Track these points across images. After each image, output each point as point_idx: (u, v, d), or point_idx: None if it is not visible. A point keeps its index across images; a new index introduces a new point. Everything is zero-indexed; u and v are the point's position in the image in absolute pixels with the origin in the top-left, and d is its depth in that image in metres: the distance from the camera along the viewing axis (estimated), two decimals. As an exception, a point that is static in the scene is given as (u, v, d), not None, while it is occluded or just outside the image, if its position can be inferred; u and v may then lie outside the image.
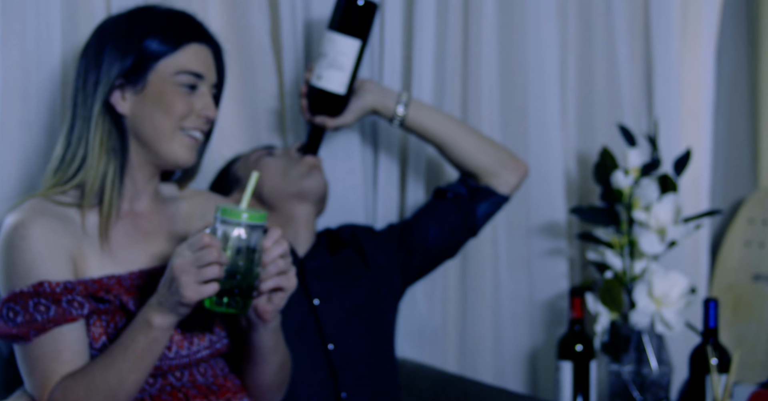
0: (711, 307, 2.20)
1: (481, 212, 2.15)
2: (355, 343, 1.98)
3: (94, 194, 1.64)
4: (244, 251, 1.52)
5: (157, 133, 1.67)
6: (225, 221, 1.52)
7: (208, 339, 1.67)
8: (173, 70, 1.66)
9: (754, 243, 2.63)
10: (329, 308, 1.99)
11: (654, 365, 2.25)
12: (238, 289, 1.52)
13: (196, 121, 1.69)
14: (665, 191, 2.26)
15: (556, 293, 2.45)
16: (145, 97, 1.66)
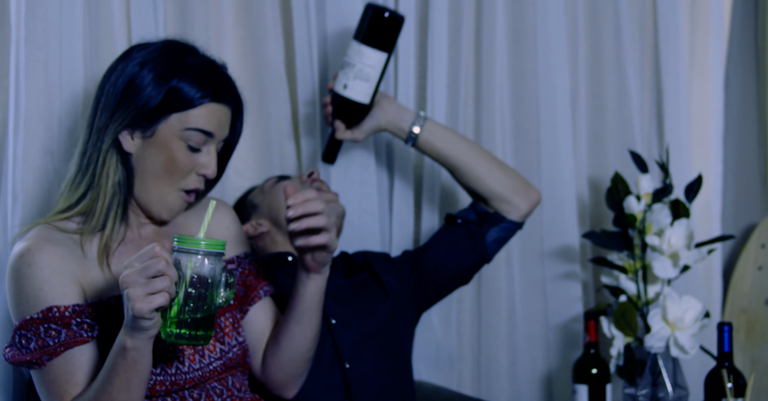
0: (725, 331, 2.19)
1: (492, 238, 2.12)
2: (371, 364, 1.98)
3: (98, 221, 1.64)
4: (199, 279, 1.47)
5: (154, 182, 1.66)
6: (181, 249, 1.47)
7: (219, 349, 1.67)
8: (184, 126, 1.64)
9: (766, 267, 2.62)
10: (346, 328, 1.98)
11: (669, 388, 2.24)
12: (192, 319, 1.47)
13: (194, 181, 1.67)
14: (677, 217, 2.26)
15: (570, 317, 2.44)
16: (151, 144, 1.65)
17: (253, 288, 1.78)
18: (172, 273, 1.43)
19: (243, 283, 1.78)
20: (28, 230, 1.65)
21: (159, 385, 1.61)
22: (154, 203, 1.66)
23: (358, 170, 2.26)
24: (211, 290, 1.48)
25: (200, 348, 1.64)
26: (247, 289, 1.78)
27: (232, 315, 1.73)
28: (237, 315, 1.74)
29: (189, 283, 1.46)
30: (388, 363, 2.01)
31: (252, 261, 1.81)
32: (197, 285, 1.46)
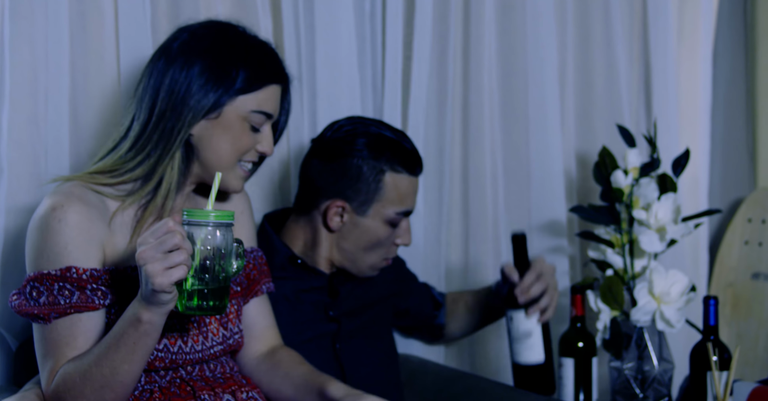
0: (711, 305, 2.18)
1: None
2: (360, 346, 1.97)
3: (148, 193, 1.63)
4: (212, 250, 1.47)
5: (219, 160, 1.66)
6: (191, 222, 1.47)
7: (221, 334, 1.65)
8: (250, 109, 1.66)
9: (753, 242, 2.60)
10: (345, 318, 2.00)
11: (655, 362, 2.22)
12: (209, 290, 1.47)
13: (253, 155, 1.70)
14: (665, 191, 2.24)
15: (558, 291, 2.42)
16: (216, 125, 1.65)
17: (256, 283, 1.77)
18: (188, 246, 1.44)
19: (247, 276, 1.75)
20: (62, 184, 1.63)
21: (158, 361, 1.60)
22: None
23: None
24: (225, 260, 1.49)
25: (205, 330, 1.63)
26: (250, 283, 1.76)
27: (237, 302, 1.72)
28: (241, 302, 1.73)
29: (202, 255, 1.47)
30: (376, 346, 2.01)
31: (257, 257, 1.79)
32: (211, 256, 1.47)
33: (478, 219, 2.39)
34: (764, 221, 2.59)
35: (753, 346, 2.53)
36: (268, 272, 1.81)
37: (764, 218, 2.59)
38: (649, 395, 2.22)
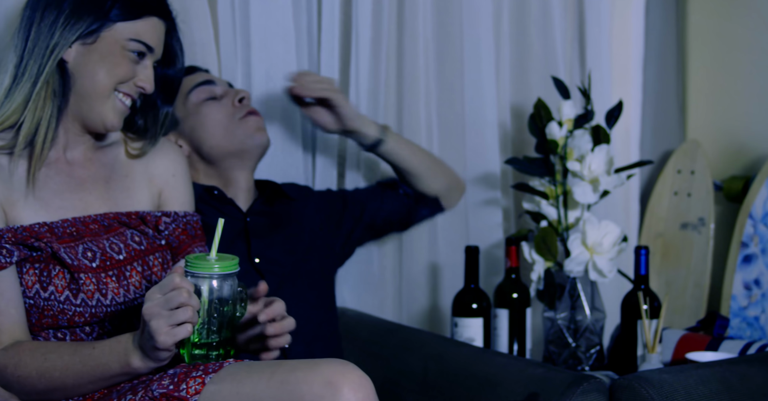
0: (642, 255, 2.19)
1: (421, 217, 2.22)
2: (294, 297, 1.91)
3: (28, 136, 1.56)
4: (218, 303, 1.44)
5: (94, 88, 1.60)
6: (194, 274, 1.43)
7: (144, 287, 1.60)
8: (127, 36, 1.60)
9: (682, 193, 2.61)
10: (269, 266, 1.91)
11: (587, 311, 2.23)
12: (216, 343, 1.45)
13: (132, 88, 1.63)
14: (598, 143, 2.22)
15: (492, 243, 2.41)
16: (93, 51, 1.59)
17: (187, 245, 1.70)
18: (195, 303, 1.40)
19: (177, 238, 1.69)
20: None
21: (78, 317, 1.55)
22: (94, 111, 1.61)
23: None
24: (231, 308, 1.45)
25: (125, 283, 1.58)
26: (181, 243, 1.69)
27: (162, 255, 1.66)
28: (167, 256, 1.66)
29: (208, 307, 1.43)
30: (312, 296, 1.95)
31: (190, 221, 1.72)
32: (216, 308, 1.44)
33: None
34: (693, 173, 2.59)
35: (681, 295, 2.55)
36: (202, 236, 1.75)
37: (693, 169, 2.59)
38: (581, 344, 2.23)
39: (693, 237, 2.58)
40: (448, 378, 1.91)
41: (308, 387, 1.31)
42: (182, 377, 1.39)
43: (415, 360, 1.98)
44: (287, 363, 1.37)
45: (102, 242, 1.59)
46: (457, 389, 1.88)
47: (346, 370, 1.32)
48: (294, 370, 1.33)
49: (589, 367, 2.23)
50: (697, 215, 2.58)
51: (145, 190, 1.69)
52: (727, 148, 2.62)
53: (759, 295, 2.44)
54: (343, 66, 2.26)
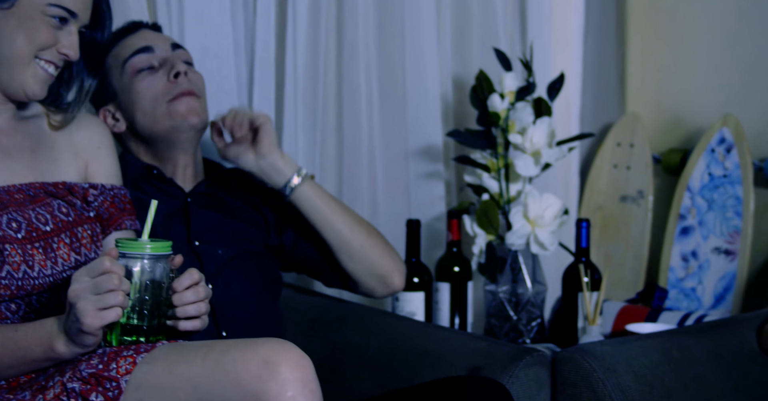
0: (583, 227, 2.18)
1: (331, 283, 1.99)
2: (235, 280, 1.83)
3: None
4: (150, 285, 1.37)
5: (13, 55, 1.51)
6: (126, 255, 1.37)
7: (73, 259, 1.53)
8: (46, 1, 1.51)
9: (621, 166, 2.59)
10: (210, 248, 1.83)
11: (529, 284, 2.21)
12: (148, 327, 1.38)
13: (54, 55, 1.54)
14: (540, 115, 2.19)
15: (433, 216, 2.37)
16: (10, 16, 1.50)
17: (117, 217, 1.62)
18: (126, 287, 1.33)
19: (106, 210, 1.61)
20: None
21: (3, 289, 1.47)
22: (14, 79, 1.52)
23: None
24: (163, 292, 1.39)
25: (53, 255, 1.51)
26: (110, 216, 1.61)
27: (91, 227, 1.58)
28: (96, 228, 1.59)
29: (139, 290, 1.37)
30: (253, 283, 1.87)
31: (118, 194, 1.64)
32: (148, 291, 1.37)
33: (352, 142, 2.30)
34: (632, 146, 2.58)
35: (620, 267, 2.55)
36: (132, 210, 1.67)
37: (632, 142, 2.58)
38: (522, 317, 2.21)
39: (632, 210, 2.56)
40: (390, 353, 1.87)
41: (245, 367, 1.25)
42: (112, 356, 1.33)
43: (355, 336, 1.93)
44: (223, 342, 1.31)
45: (28, 212, 1.51)
46: (399, 363, 1.84)
47: (284, 349, 1.26)
48: (230, 350, 1.28)
49: (530, 340, 2.21)
50: (636, 187, 2.56)
51: (71, 162, 1.61)
52: (665, 121, 2.61)
53: (696, 267, 2.44)
54: (279, 36, 2.19)
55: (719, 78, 2.51)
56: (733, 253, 2.38)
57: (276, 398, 1.23)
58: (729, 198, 2.40)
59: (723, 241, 2.40)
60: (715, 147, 2.43)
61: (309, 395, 1.24)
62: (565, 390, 1.70)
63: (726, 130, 2.41)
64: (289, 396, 1.23)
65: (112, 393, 1.30)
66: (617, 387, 1.67)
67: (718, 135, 2.42)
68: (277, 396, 1.23)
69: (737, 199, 2.38)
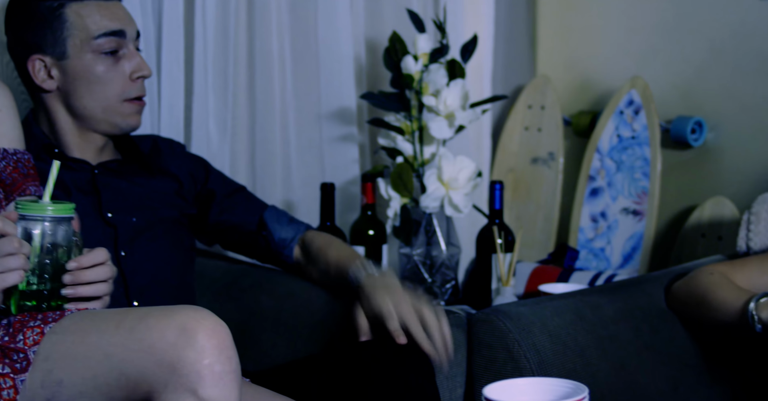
0: (497, 189, 2.18)
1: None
2: (149, 248, 1.77)
3: None
4: (51, 248, 1.31)
5: None
6: (26, 217, 1.30)
7: None
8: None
9: (533, 128, 2.59)
10: (122, 218, 1.75)
11: (443, 247, 2.20)
12: (49, 291, 1.32)
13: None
14: (453, 77, 2.17)
15: (347, 180, 2.33)
16: None
17: (20, 183, 1.53)
18: (26, 250, 1.27)
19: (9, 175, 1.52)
20: None
21: None
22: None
23: None
24: (65, 255, 1.32)
25: None
26: (14, 181, 1.52)
27: None
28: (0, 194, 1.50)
29: (41, 253, 1.30)
30: (166, 246, 1.80)
31: (21, 159, 1.55)
32: (51, 254, 1.31)
33: (264, 105, 2.24)
34: (543, 108, 2.58)
35: (532, 228, 2.55)
36: (35, 176, 1.59)
37: (543, 104, 2.58)
38: (436, 279, 2.21)
39: (543, 172, 2.57)
40: (302, 317, 1.84)
41: (160, 335, 1.20)
42: (18, 326, 1.26)
43: (271, 301, 1.89)
44: (137, 310, 1.25)
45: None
46: (312, 327, 1.81)
47: (200, 316, 1.22)
48: (144, 318, 1.22)
49: (444, 302, 2.20)
50: (547, 149, 2.57)
51: None
52: (575, 83, 2.61)
53: (605, 227, 2.46)
54: None
55: (628, 41, 2.53)
56: (641, 213, 2.41)
57: (193, 366, 1.19)
58: (637, 159, 2.42)
59: (631, 202, 2.43)
60: (623, 109, 2.44)
61: (226, 362, 1.20)
62: (480, 351, 1.70)
63: (634, 92, 2.42)
64: (206, 364, 1.19)
65: (19, 364, 1.24)
66: (532, 347, 1.67)
67: (627, 97, 2.44)
68: (193, 363, 1.19)
69: (645, 160, 2.41)
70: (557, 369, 1.67)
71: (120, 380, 1.21)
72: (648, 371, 1.76)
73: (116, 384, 1.21)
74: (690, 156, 2.41)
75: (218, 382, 1.18)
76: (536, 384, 1.18)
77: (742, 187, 2.30)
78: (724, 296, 1.66)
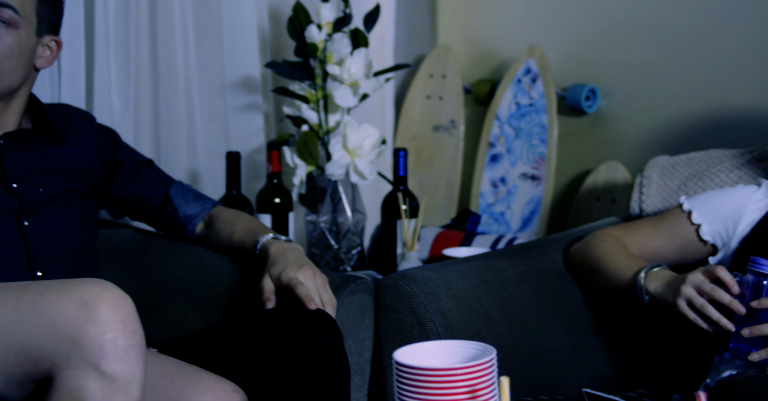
0: (401, 156, 2.15)
1: None
2: (53, 222, 1.67)
3: None
4: None
5: None
6: None
7: None
8: None
9: (434, 96, 2.56)
10: (30, 189, 1.65)
11: (349, 213, 2.17)
12: None
13: None
14: (357, 46, 2.12)
15: (253, 148, 2.27)
16: None
17: None
18: None
19: None
20: None
21: None
22: None
23: None
24: None
25: None
26: None
27: None
28: None
29: None
30: (69, 216, 1.70)
31: None
32: None
33: (168, 75, 2.16)
34: (444, 77, 2.55)
35: (434, 194, 2.54)
36: None
37: (444, 73, 2.55)
38: (342, 245, 2.17)
39: (444, 139, 2.55)
40: (213, 287, 1.78)
41: (61, 309, 1.13)
42: None
43: (178, 271, 1.83)
44: (37, 284, 1.18)
45: None
46: (223, 296, 1.75)
47: (102, 289, 1.15)
48: (45, 292, 1.15)
49: (351, 268, 2.17)
50: (448, 117, 2.55)
51: None
52: (475, 52, 2.59)
53: (504, 192, 2.46)
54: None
55: (525, 10, 2.51)
56: (539, 178, 2.41)
57: (95, 340, 1.13)
58: (534, 126, 2.42)
59: (529, 167, 2.42)
60: (521, 77, 2.43)
61: (130, 336, 1.14)
62: (388, 316, 1.67)
63: (531, 61, 2.41)
64: (109, 338, 1.13)
65: None
66: (438, 310, 1.65)
67: (524, 66, 2.42)
68: (96, 338, 1.13)
69: (542, 127, 2.40)
70: (462, 331, 1.66)
71: (19, 356, 1.14)
72: (549, 331, 1.76)
73: (14, 360, 1.14)
74: (585, 122, 2.42)
75: (122, 357, 1.13)
76: (445, 346, 1.16)
77: (634, 152, 2.32)
78: (616, 265, 1.67)
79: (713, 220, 1.70)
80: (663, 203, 1.94)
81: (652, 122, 2.31)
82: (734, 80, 2.18)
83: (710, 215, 1.70)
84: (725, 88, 2.19)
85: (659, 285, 1.57)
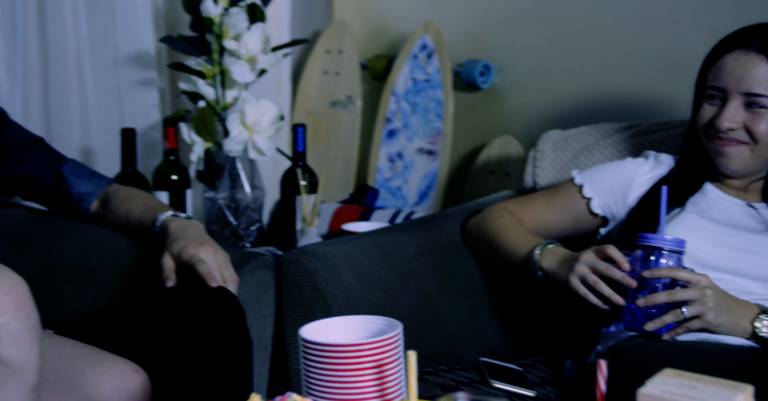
0: (300, 132, 2.11)
1: None
2: None
3: None
4: None
5: None
6: None
7: None
8: None
9: (331, 72, 2.52)
10: None
11: (247, 190, 2.11)
12: None
13: None
14: (254, 21, 2.06)
15: (148, 125, 2.19)
16: None
17: None
18: None
19: None
20: None
21: None
22: None
23: None
24: None
25: None
26: None
27: None
28: None
29: None
30: None
31: None
32: None
33: (57, 50, 2.05)
34: (341, 52, 2.51)
35: (332, 170, 2.50)
36: None
37: (341, 49, 2.51)
38: (242, 222, 2.12)
39: (342, 115, 2.51)
40: (110, 266, 1.70)
41: (-51, 295, 1.06)
42: None
43: (72, 250, 1.74)
44: None
45: None
46: (120, 275, 1.68)
47: (-6, 273, 1.08)
48: (-70, 276, 1.08)
49: (250, 244, 2.12)
50: (345, 93, 2.51)
51: None
52: (371, 28, 2.56)
53: (401, 167, 2.44)
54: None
55: (420, -13, 2.49)
56: (435, 153, 2.40)
57: (-12, 325, 1.06)
58: (431, 102, 2.40)
59: (425, 142, 2.41)
60: (417, 53, 2.41)
61: (24, 319, 1.08)
62: (289, 292, 1.64)
63: (427, 37, 2.39)
64: (3, 323, 1.06)
65: None
66: (340, 285, 1.62)
67: (420, 42, 2.40)
68: (-11, 322, 1.06)
69: (438, 102, 2.39)
70: (364, 305, 1.63)
71: None
72: (448, 303, 1.75)
73: None
74: (479, 98, 2.42)
75: (16, 341, 1.06)
76: (351, 322, 1.13)
77: (527, 126, 2.33)
78: (511, 241, 1.67)
79: (603, 193, 1.72)
80: (555, 175, 1.95)
81: (544, 97, 2.32)
82: (619, 58, 2.21)
83: (600, 188, 1.72)
84: (612, 66, 2.22)
85: (553, 262, 1.58)
